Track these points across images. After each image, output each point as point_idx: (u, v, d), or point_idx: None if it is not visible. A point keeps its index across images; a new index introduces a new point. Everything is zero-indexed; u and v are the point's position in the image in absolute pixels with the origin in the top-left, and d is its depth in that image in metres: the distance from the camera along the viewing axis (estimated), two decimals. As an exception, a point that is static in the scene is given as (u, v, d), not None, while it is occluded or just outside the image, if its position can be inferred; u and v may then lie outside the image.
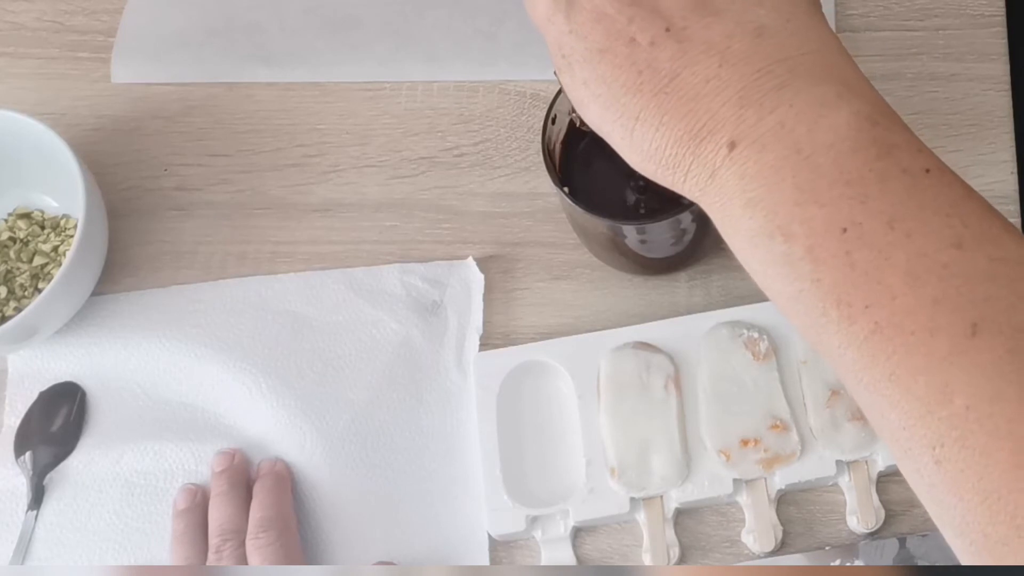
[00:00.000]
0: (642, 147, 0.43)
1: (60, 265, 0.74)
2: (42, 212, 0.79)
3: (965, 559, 0.38)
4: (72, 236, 0.76)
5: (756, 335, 0.70)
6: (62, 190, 0.77)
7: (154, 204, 0.80)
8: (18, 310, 0.75)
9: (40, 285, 0.76)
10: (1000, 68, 0.79)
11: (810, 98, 0.40)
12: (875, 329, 0.38)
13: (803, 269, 0.39)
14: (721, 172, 0.41)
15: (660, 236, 0.68)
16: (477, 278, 0.75)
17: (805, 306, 0.39)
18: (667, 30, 0.42)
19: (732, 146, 0.41)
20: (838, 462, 0.67)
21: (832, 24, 0.80)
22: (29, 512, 0.70)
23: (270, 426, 0.71)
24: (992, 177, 0.75)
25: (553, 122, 0.67)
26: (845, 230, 0.38)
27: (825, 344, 0.40)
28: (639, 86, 0.42)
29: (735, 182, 0.41)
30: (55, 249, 0.77)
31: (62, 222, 0.78)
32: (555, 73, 0.46)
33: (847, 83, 0.41)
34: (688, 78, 0.41)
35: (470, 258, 0.76)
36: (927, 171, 0.39)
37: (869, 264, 0.38)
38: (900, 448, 0.39)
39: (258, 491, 0.68)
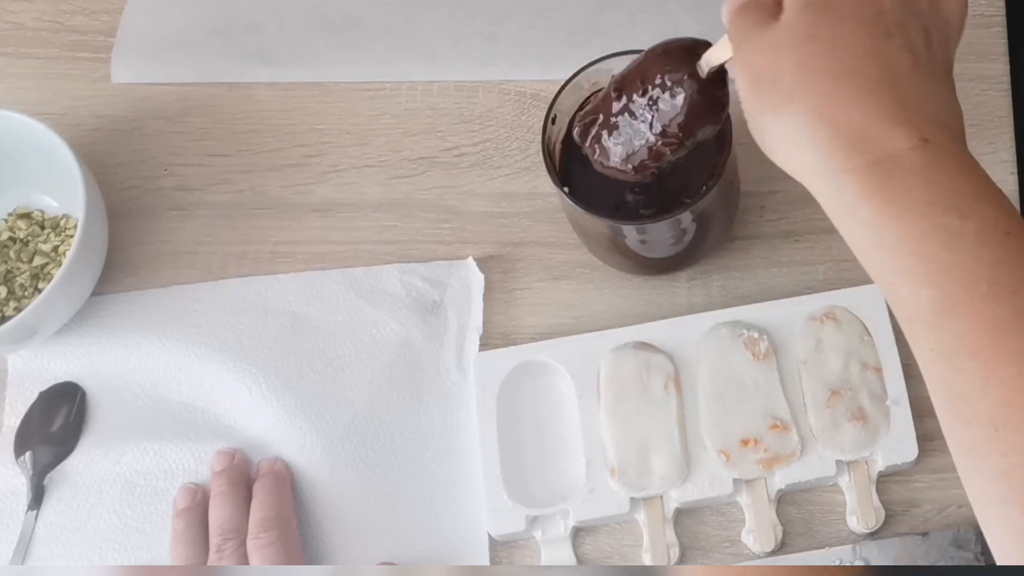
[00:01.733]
0: (837, 101, 0.47)
1: (60, 265, 0.74)
2: (42, 212, 0.79)
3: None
4: (72, 236, 0.76)
5: (756, 335, 0.70)
6: (62, 190, 0.77)
7: (154, 204, 0.80)
8: (18, 310, 0.75)
9: (40, 285, 0.76)
10: (1000, 68, 0.79)
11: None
12: (1014, 312, 0.44)
13: (968, 244, 0.45)
14: (908, 155, 0.46)
15: (660, 236, 0.68)
16: (477, 278, 0.75)
17: (956, 277, 0.45)
18: (926, 32, 0.49)
19: (925, 141, 0.47)
20: (838, 462, 0.67)
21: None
22: (29, 512, 0.70)
23: (270, 426, 0.71)
24: (992, 177, 0.75)
25: (553, 122, 0.67)
26: (1009, 233, 0.45)
27: (955, 317, 0.44)
28: (886, 40, 0.48)
29: (920, 166, 0.46)
30: (55, 249, 0.77)
31: (62, 222, 0.78)
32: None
33: None
34: (918, 80, 0.48)
35: (470, 258, 0.76)
36: None
37: (1019, 261, 0.45)
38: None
39: (258, 491, 0.68)
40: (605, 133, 0.62)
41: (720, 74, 0.57)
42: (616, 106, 0.60)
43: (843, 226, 0.49)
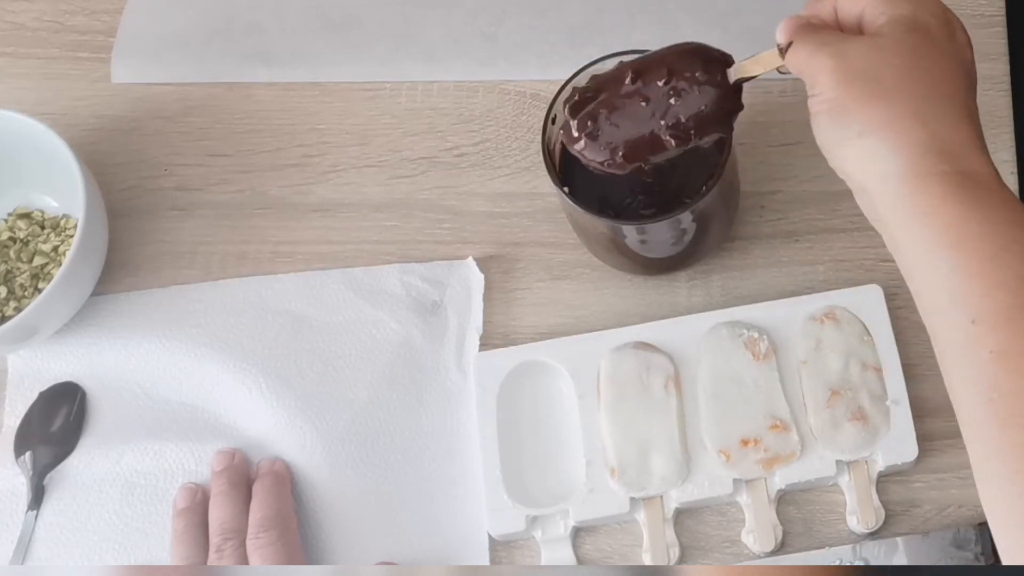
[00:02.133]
0: (935, 112, 0.51)
1: (60, 265, 0.74)
2: (42, 212, 0.79)
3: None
4: (72, 236, 0.76)
5: (756, 335, 0.70)
6: (62, 190, 0.77)
7: (154, 204, 0.80)
8: (18, 310, 0.75)
9: (40, 285, 0.76)
10: (1000, 68, 0.79)
11: None
12: None
13: None
14: (987, 177, 0.51)
15: (660, 236, 0.68)
16: (477, 278, 0.75)
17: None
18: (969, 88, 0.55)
19: (996, 171, 0.52)
20: (838, 462, 0.67)
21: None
22: (29, 512, 0.70)
23: (270, 426, 0.71)
24: (992, 177, 0.75)
25: (553, 122, 0.67)
26: None
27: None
28: (968, 86, 0.54)
29: (998, 187, 0.52)
30: (55, 249, 0.77)
31: (62, 222, 0.78)
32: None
33: None
34: (980, 127, 0.54)
35: (470, 258, 0.76)
36: None
37: None
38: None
39: (258, 491, 0.68)
40: (604, 111, 0.61)
41: (739, 87, 0.60)
42: (627, 88, 0.61)
43: (909, 227, 0.51)
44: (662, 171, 0.67)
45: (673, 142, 0.60)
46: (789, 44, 0.56)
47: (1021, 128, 0.77)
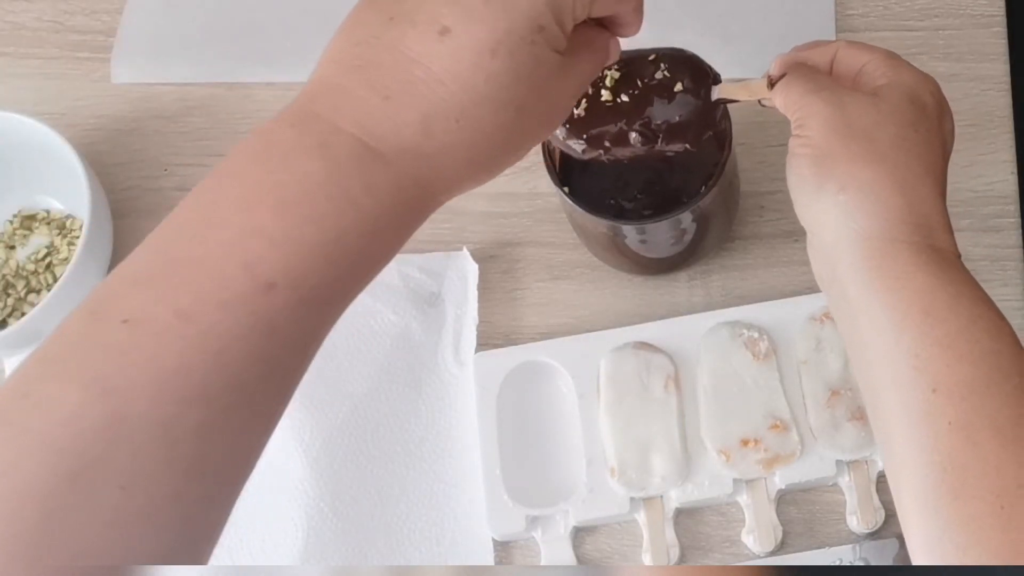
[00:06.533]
0: (919, 187, 0.52)
1: (65, 266, 0.74)
2: (47, 212, 0.79)
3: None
4: (78, 237, 0.76)
5: (756, 335, 0.70)
6: (66, 191, 0.77)
7: (154, 204, 0.80)
8: (22, 313, 0.74)
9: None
10: (1000, 68, 0.79)
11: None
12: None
13: (1006, 339, 0.50)
14: (953, 257, 0.52)
15: (660, 236, 0.68)
16: (472, 268, 0.75)
17: (996, 363, 0.49)
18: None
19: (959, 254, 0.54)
20: (838, 462, 0.67)
21: (832, 24, 0.80)
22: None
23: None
24: (992, 177, 0.76)
25: (553, 122, 0.67)
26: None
27: (987, 396, 0.48)
28: (944, 169, 0.55)
29: (962, 268, 0.52)
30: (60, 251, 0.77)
31: (67, 223, 0.78)
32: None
33: None
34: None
35: (464, 249, 0.75)
36: None
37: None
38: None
39: None
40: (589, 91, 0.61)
41: (718, 107, 0.60)
42: (610, 76, 0.60)
43: (875, 290, 0.50)
44: (661, 171, 0.67)
45: (640, 140, 0.60)
46: (780, 77, 0.56)
47: (1021, 128, 0.77)
